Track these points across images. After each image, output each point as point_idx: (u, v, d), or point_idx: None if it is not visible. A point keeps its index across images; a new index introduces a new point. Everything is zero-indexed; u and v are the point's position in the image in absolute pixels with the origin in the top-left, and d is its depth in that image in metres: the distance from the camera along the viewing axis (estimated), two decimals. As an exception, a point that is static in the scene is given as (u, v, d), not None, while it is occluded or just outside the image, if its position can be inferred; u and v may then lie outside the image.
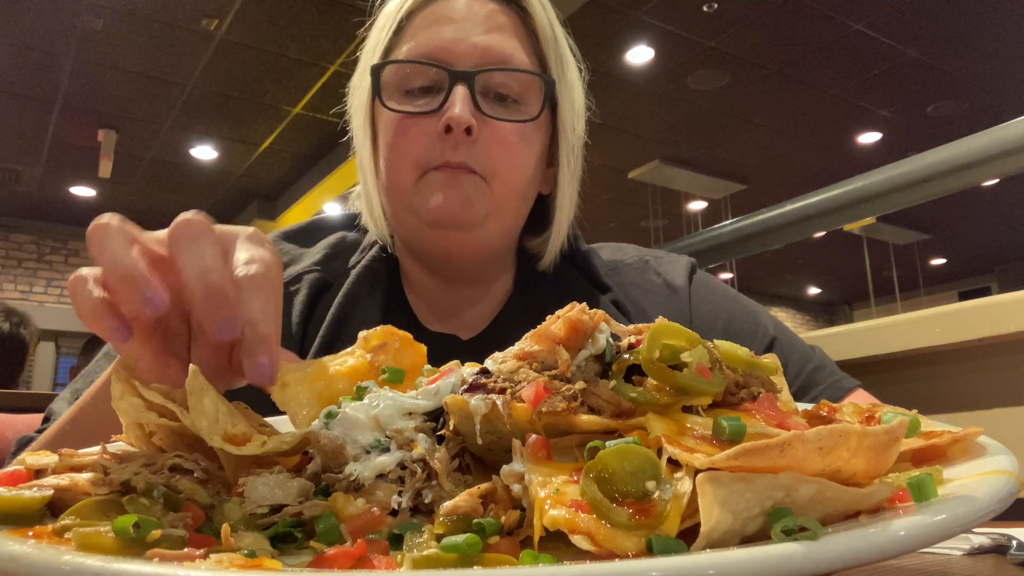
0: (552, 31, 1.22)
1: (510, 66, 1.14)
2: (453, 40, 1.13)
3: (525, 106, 1.15)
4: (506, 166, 1.13)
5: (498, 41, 1.14)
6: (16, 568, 0.40)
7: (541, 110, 1.15)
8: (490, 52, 1.13)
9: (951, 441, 0.61)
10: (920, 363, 2.04)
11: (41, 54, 7.12)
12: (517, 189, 1.16)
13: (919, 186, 2.50)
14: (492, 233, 1.17)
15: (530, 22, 1.20)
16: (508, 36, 1.16)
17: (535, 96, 1.16)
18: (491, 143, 1.11)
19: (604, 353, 0.59)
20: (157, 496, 0.56)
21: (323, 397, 0.69)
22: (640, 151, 9.63)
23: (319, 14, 6.68)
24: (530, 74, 1.15)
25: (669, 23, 6.99)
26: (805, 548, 0.38)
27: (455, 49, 1.12)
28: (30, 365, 11.35)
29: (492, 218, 1.15)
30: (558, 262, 1.30)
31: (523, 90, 1.15)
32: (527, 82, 1.15)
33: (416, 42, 1.15)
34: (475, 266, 1.24)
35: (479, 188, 1.12)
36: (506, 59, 1.14)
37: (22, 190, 10.22)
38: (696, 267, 1.38)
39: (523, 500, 0.51)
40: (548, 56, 1.20)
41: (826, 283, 16.70)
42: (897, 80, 8.06)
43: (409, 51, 1.15)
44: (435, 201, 1.11)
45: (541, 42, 1.20)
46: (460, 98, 1.08)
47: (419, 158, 1.12)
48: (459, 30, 1.13)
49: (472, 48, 1.12)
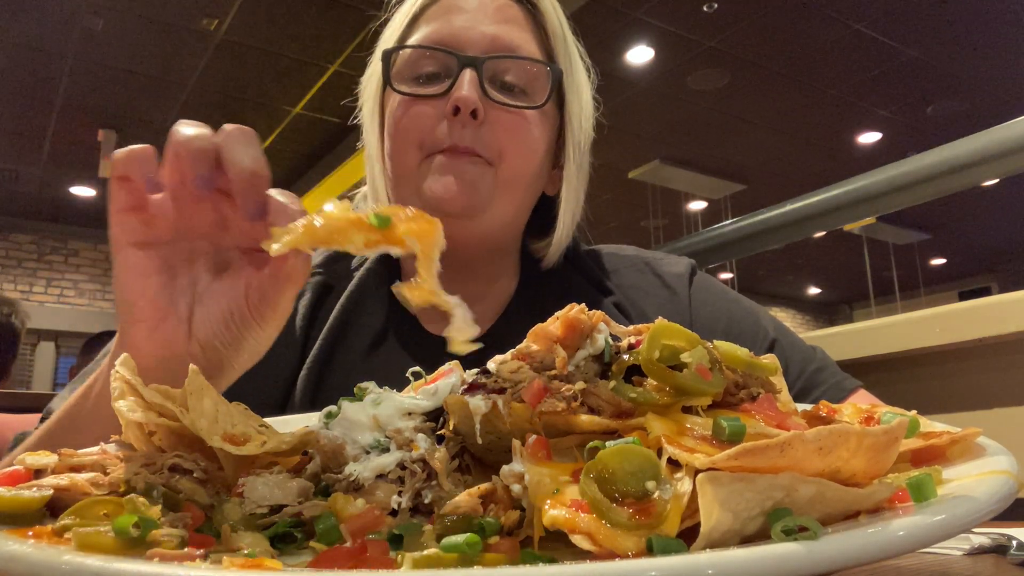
0: (562, 30, 1.23)
1: (518, 55, 1.15)
2: (463, 28, 1.14)
3: (532, 96, 1.16)
4: (512, 151, 1.14)
5: (507, 31, 1.16)
6: (16, 568, 0.40)
7: (547, 99, 1.16)
8: (499, 40, 1.14)
9: (950, 441, 0.61)
10: (920, 363, 2.04)
11: (41, 54, 7.12)
12: (522, 177, 1.17)
13: (919, 186, 2.50)
14: (495, 222, 1.17)
15: (540, 19, 1.21)
16: (518, 28, 1.18)
17: (542, 87, 1.17)
18: (497, 127, 1.12)
19: (603, 353, 0.59)
20: (157, 496, 0.56)
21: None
22: (640, 151, 9.63)
23: (319, 14, 6.68)
24: (537, 62, 1.17)
25: (669, 23, 6.99)
26: (805, 548, 0.38)
27: (465, 36, 1.14)
28: (30, 364, 11.31)
29: (496, 206, 1.15)
30: (561, 264, 1.30)
31: (530, 81, 1.16)
32: (534, 73, 1.16)
33: (428, 30, 1.16)
34: (477, 256, 1.23)
35: (484, 174, 1.12)
36: (515, 48, 1.15)
37: (22, 190, 10.21)
38: (696, 269, 1.38)
39: (523, 500, 0.51)
40: (557, 52, 1.21)
41: (826, 283, 16.70)
42: (897, 80, 8.06)
43: (420, 39, 1.17)
44: (439, 185, 1.11)
45: (550, 38, 1.21)
46: (468, 80, 1.10)
47: (424, 140, 1.12)
48: (470, 19, 1.15)
49: (481, 35, 1.14)
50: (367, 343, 1.18)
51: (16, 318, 3.70)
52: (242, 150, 0.73)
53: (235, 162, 0.72)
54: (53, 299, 11.45)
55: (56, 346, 11.44)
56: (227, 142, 0.73)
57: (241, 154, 0.73)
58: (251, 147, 0.74)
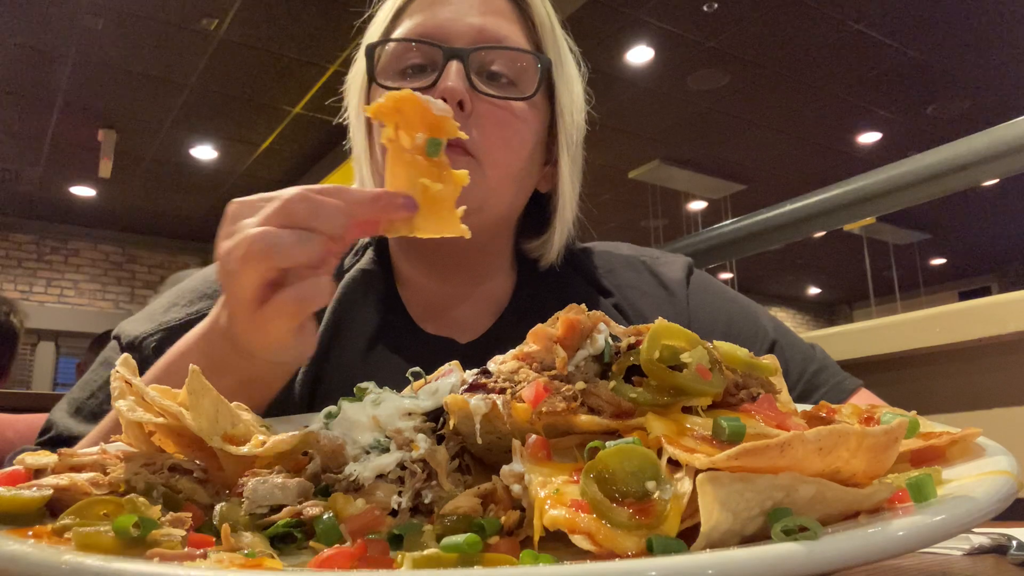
0: (550, 21, 1.21)
1: (505, 45, 1.13)
2: (448, 20, 1.13)
3: (520, 87, 1.15)
4: (501, 144, 1.12)
5: (494, 22, 1.14)
6: (16, 568, 0.40)
7: (537, 89, 1.14)
8: (485, 32, 1.13)
9: (950, 442, 0.61)
10: (920, 363, 2.04)
11: (41, 54, 7.12)
12: (512, 171, 1.15)
13: (919, 186, 2.50)
14: (486, 220, 1.16)
15: (527, 10, 1.20)
16: (505, 19, 1.16)
17: (531, 78, 1.15)
18: (485, 120, 1.10)
19: (603, 353, 0.59)
20: (157, 496, 0.56)
21: None
22: (640, 151, 9.63)
23: (319, 14, 6.67)
24: (525, 52, 1.15)
25: (669, 23, 6.99)
26: (805, 548, 0.38)
27: (450, 28, 1.12)
28: (30, 364, 11.30)
29: (486, 206, 1.13)
30: (559, 265, 1.28)
31: (519, 72, 1.14)
32: (523, 65, 1.15)
33: (412, 23, 1.15)
34: (468, 256, 1.22)
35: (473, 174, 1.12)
36: (501, 39, 1.14)
37: (22, 190, 10.21)
38: (693, 267, 1.36)
39: (523, 500, 0.51)
40: (545, 43, 1.19)
41: (826, 283, 16.69)
42: (897, 80, 8.05)
43: (405, 32, 1.15)
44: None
45: (538, 29, 1.19)
46: (454, 72, 1.08)
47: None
48: (455, 11, 1.14)
49: (468, 27, 1.13)
50: (363, 342, 1.16)
51: (15, 317, 3.70)
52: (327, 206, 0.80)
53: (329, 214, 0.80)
54: (53, 299, 11.45)
55: (56, 346, 11.43)
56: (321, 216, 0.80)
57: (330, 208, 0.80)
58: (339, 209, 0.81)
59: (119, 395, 0.64)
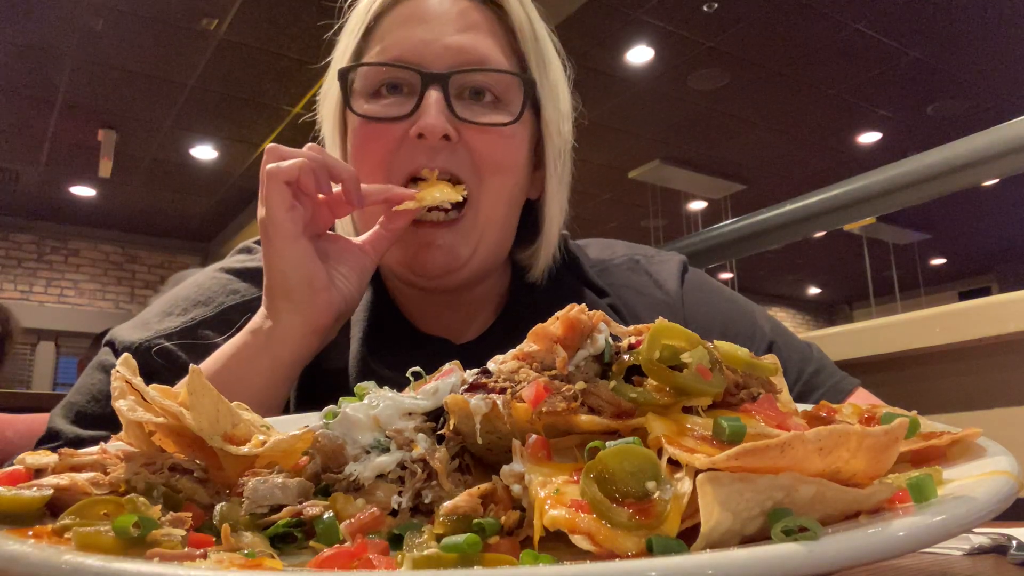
0: (531, 28, 1.16)
1: (486, 66, 1.08)
2: (424, 41, 1.07)
3: (505, 105, 1.10)
4: (491, 170, 1.08)
5: (472, 40, 1.09)
6: (16, 568, 0.40)
7: (522, 111, 1.10)
8: (464, 52, 1.07)
9: (950, 442, 0.61)
10: (920, 363, 2.04)
11: (41, 54, 7.12)
12: (504, 198, 1.12)
13: (919, 186, 2.51)
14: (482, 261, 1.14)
15: (507, 19, 1.14)
16: (483, 35, 1.11)
17: (515, 95, 1.11)
18: (473, 145, 1.07)
19: (603, 353, 0.59)
20: (157, 496, 0.56)
21: None
22: (640, 151, 9.63)
23: (319, 14, 6.66)
24: (507, 73, 1.10)
25: (669, 23, 6.99)
26: (805, 548, 0.38)
27: (427, 51, 1.07)
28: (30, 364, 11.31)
29: (478, 251, 1.11)
30: (554, 269, 1.26)
31: (503, 90, 1.10)
32: (506, 82, 1.10)
33: (386, 44, 1.10)
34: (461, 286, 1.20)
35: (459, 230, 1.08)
36: (481, 59, 1.08)
37: (22, 190, 10.21)
38: (688, 266, 1.33)
39: (523, 500, 0.51)
40: (528, 54, 1.14)
41: (826, 283, 16.69)
42: (897, 80, 8.05)
43: (379, 54, 1.10)
44: (414, 253, 1.08)
45: (519, 39, 1.14)
46: (433, 104, 1.03)
47: (393, 164, 1.07)
48: (430, 31, 1.08)
49: (445, 49, 1.07)
50: (360, 342, 1.16)
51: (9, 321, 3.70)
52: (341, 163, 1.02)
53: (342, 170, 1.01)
54: (53, 299, 11.45)
55: (56, 346, 11.44)
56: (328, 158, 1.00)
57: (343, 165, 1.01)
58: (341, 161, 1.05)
59: (119, 395, 0.64)
